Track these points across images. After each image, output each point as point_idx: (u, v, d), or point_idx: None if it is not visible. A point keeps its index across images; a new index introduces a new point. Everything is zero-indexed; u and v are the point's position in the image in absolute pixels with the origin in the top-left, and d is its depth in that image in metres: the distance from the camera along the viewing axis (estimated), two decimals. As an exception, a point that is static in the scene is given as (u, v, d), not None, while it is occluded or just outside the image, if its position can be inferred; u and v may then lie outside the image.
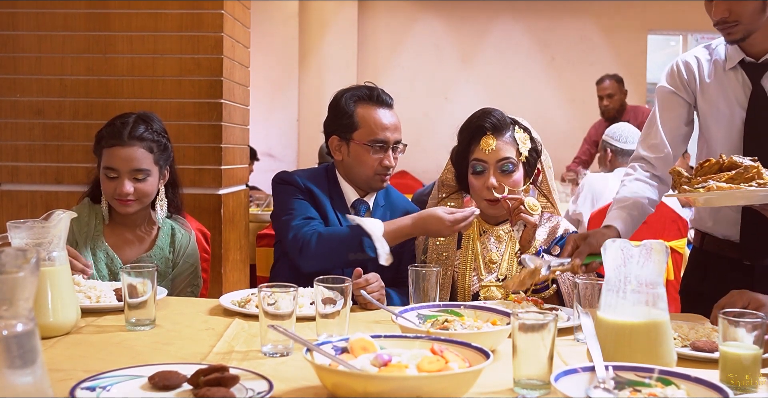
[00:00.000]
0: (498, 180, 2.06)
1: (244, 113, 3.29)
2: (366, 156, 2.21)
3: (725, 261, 2.03)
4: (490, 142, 2.07)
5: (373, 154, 2.20)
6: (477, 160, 2.09)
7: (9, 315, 0.92)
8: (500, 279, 2.10)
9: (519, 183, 2.09)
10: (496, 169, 2.07)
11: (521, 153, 2.09)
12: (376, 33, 7.52)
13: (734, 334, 1.30)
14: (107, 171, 2.17)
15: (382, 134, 2.20)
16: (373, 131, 2.20)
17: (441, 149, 7.37)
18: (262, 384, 1.22)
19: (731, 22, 1.86)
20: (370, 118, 2.21)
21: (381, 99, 2.24)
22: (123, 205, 2.18)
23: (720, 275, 2.05)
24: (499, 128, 2.08)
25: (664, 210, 3.46)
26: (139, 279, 1.67)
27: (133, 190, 2.15)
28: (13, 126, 2.93)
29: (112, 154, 2.17)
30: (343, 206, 2.26)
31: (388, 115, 2.23)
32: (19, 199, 2.93)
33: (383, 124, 2.21)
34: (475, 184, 2.10)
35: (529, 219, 1.96)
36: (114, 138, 2.17)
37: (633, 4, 7.27)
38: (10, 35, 2.92)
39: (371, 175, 2.23)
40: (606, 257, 1.36)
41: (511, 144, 2.08)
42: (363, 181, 2.26)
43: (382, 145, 2.20)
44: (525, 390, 1.26)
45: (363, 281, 1.90)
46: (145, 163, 2.17)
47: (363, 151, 2.21)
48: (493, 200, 2.06)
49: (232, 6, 3.03)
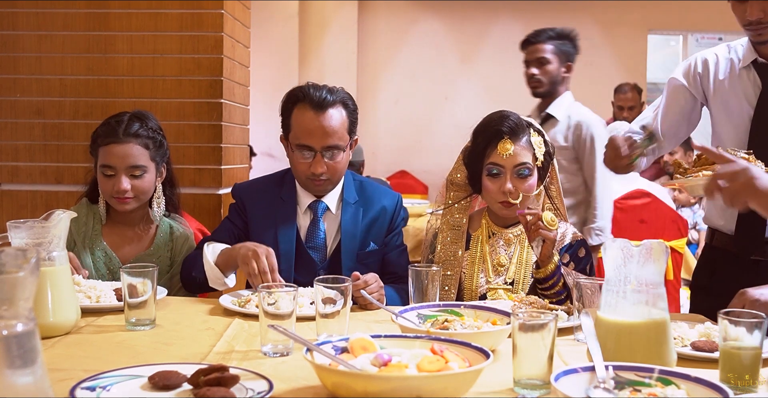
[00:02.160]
0: (513, 184, 2.04)
1: (244, 113, 3.29)
2: (295, 160, 2.14)
3: (732, 256, 2.08)
4: (508, 147, 2.04)
5: (300, 158, 2.12)
6: (493, 164, 2.06)
7: (9, 315, 0.92)
8: (508, 283, 2.08)
9: (533, 187, 2.07)
10: (513, 173, 2.05)
11: (537, 157, 2.06)
12: (376, 33, 7.51)
13: (734, 334, 1.30)
14: (104, 168, 2.17)
15: (306, 139, 2.10)
16: (299, 135, 2.11)
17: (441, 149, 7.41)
18: (262, 384, 1.22)
19: (765, 23, 1.92)
20: (300, 121, 2.12)
21: (314, 100, 2.10)
22: (121, 203, 2.18)
23: (727, 270, 2.10)
24: (517, 132, 2.06)
25: (664, 210, 3.46)
26: (139, 279, 1.67)
27: (130, 187, 2.16)
28: (13, 126, 2.93)
29: (108, 152, 2.17)
30: (291, 210, 2.20)
31: (319, 118, 2.09)
32: (19, 199, 2.93)
33: (309, 129, 2.09)
34: (490, 187, 2.08)
35: (548, 235, 1.91)
36: (110, 136, 2.17)
37: (633, 4, 7.26)
38: (10, 35, 2.92)
39: (303, 179, 2.16)
40: (606, 257, 1.36)
41: (528, 148, 2.06)
42: (302, 184, 2.20)
43: (307, 151, 2.11)
44: (525, 390, 1.26)
45: (362, 282, 1.89)
46: (141, 160, 2.18)
47: (293, 154, 2.15)
48: (509, 204, 2.06)
49: (232, 6, 3.03)
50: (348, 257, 2.19)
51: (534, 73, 3.30)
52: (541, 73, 3.29)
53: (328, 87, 2.16)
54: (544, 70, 3.29)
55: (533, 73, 3.31)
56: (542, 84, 3.30)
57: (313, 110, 2.10)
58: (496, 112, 2.13)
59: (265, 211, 2.22)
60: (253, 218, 2.23)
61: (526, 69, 3.35)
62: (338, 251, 2.20)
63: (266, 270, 1.90)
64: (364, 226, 2.23)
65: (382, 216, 2.26)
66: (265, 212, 2.22)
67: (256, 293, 1.74)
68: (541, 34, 3.34)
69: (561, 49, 3.33)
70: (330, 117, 2.11)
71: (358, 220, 2.22)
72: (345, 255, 2.19)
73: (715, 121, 2.15)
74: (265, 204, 2.23)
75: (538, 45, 3.32)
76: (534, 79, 3.31)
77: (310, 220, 2.21)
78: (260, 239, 2.16)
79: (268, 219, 2.20)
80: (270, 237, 2.16)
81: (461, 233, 2.16)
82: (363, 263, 2.18)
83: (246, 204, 2.24)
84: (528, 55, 3.35)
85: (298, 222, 2.21)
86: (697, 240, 4.63)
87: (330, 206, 2.22)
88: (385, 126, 7.60)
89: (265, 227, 2.19)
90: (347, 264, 2.16)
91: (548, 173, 2.16)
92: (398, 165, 7.50)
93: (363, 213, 2.23)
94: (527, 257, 2.09)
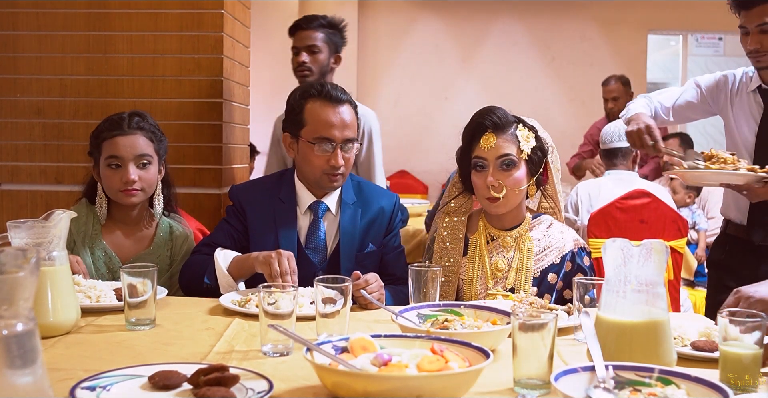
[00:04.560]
0: (498, 177, 2.02)
1: (244, 113, 3.28)
2: (312, 154, 2.12)
3: (741, 241, 2.51)
4: (491, 140, 2.02)
5: (319, 152, 2.11)
6: (477, 158, 2.05)
7: (9, 315, 0.92)
8: (508, 290, 2.05)
9: (520, 181, 2.03)
10: (496, 166, 2.03)
11: (522, 150, 2.04)
12: (376, 33, 7.51)
13: (734, 334, 1.30)
14: (110, 160, 2.17)
15: (327, 132, 2.10)
16: (318, 128, 2.11)
17: (441, 149, 7.41)
18: (262, 384, 1.22)
19: (761, 52, 2.33)
20: (316, 114, 2.12)
21: (330, 94, 2.12)
22: (128, 196, 2.18)
23: (738, 250, 2.53)
24: (500, 126, 2.04)
25: (664, 210, 3.46)
26: (139, 279, 1.67)
27: (137, 178, 2.16)
28: (13, 126, 2.93)
29: (114, 144, 2.17)
30: (291, 211, 2.20)
31: (337, 111, 2.12)
32: (19, 199, 2.93)
33: (329, 121, 2.10)
34: (476, 181, 2.07)
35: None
36: (114, 129, 2.19)
37: (633, 4, 7.26)
38: (10, 35, 2.92)
39: (319, 175, 2.14)
40: (606, 257, 1.36)
41: (512, 141, 2.04)
42: (313, 181, 2.18)
43: (327, 144, 2.11)
44: (525, 389, 1.26)
45: (362, 281, 1.89)
46: (147, 149, 2.20)
47: (309, 149, 2.13)
48: (493, 198, 2.04)
49: (232, 6, 3.03)
50: (347, 258, 2.18)
51: (304, 61, 3.13)
52: (312, 61, 3.14)
53: (337, 85, 2.18)
54: (314, 58, 3.15)
55: (303, 60, 3.13)
56: (312, 73, 3.14)
57: (330, 103, 2.12)
58: (483, 108, 2.11)
59: (265, 213, 2.21)
60: (253, 220, 2.21)
61: (294, 56, 3.19)
62: (337, 252, 2.19)
63: (287, 271, 1.90)
64: (363, 227, 2.22)
65: (381, 217, 2.25)
66: (265, 214, 2.21)
67: (256, 293, 1.75)
68: (313, 21, 3.19)
69: (332, 38, 3.21)
70: (345, 111, 2.14)
71: (356, 221, 2.21)
72: (344, 257, 2.18)
73: (727, 131, 2.58)
74: (265, 205, 2.22)
75: (309, 32, 3.16)
76: (304, 66, 3.14)
77: (310, 221, 2.21)
78: (261, 241, 2.15)
79: (268, 220, 2.19)
80: (271, 239, 2.16)
81: (459, 238, 2.13)
82: (361, 264, 2.17)
83: (245, 206, 2.23)
84: (298, 41, 3.18)
85: (298, 224, 2.20)
86: (696, 240, 4.62)
87: (330, 207, 2.21)
88: (385, 126, 7.57)
89: (266, 229, 2.18)
90: (346, 266, 2.16)
91: (542, 170, 2.12)
92: (398, 165, 7.49)
93: (361, 214, 2.22)
94: (527, 262, 2.06)
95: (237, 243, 2.19)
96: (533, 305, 1.81)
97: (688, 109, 2.64)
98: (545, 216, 2.17)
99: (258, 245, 2.14)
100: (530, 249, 2.07)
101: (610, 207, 3.46)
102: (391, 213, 2.27)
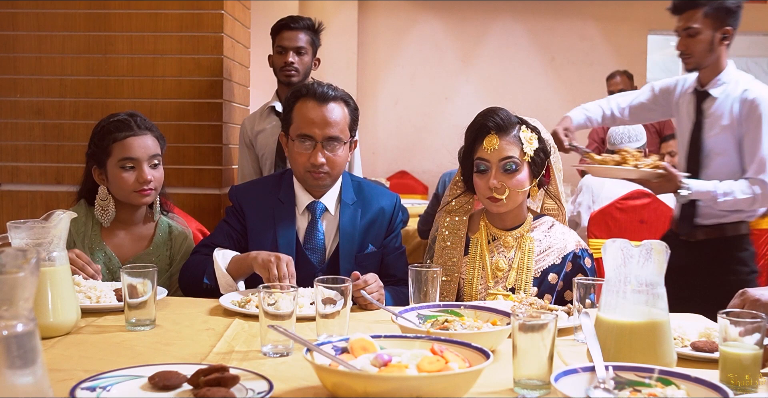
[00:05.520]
0: (500, 179, 2.01)
1: (244, 113, 3.29)
2: (294, 152, 2.13)
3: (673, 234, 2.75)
4: (493, 142, 2.01)
5: (300, 149, 2.11)
6: (480, 159, 2.04)
7: (9, 315, 0.92)
8: (508, 290, 2.04)
9: (522, 183, 2.03)
10: (499, 168, 2.02)
11: (525, 152, 2.03)
12: (376, 33, 7.52)
13: (734, 334, 1.30)
14: (124, 162, 2.16)
15: (308, 129, 2.10)
16: (300, 126, 2.12)
17: (441, 149, 7.41)
18: (262, 384, 1.22)
19: (687, 55, 2.62)
20: (302, 112, 2.12)
21: (316, 92, 2.12)
22: (143, 196, 2.19)
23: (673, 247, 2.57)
24: (503, 127, 2.03)
25: (664, 210, 3.46)
26: (139, 280, 1.67)
27: (152, 178, 2.18)
28: (13, 126, 2.93)
29: (127, 145, 2.17)
30: (290, 212, 2.19)
31: (321, 109, 2.11)
32: (19, 199, 2.93)
33: (310, 118, 2.10)
34: (478, 183, 2.06)
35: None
36: (125, 130, 2.18)
37: (633, 4, 7.26)
38: (10, 35, 2.93)
39: (302, 173, 2.14)
40: (606, 257, 1.36)
41: (515, 143, 2.03)
42: (300, 179, 2.19)
43: (307, 141, 2.11)
44: (525, 390, 1.26)
45: (362, 282, 1.89)
46: (157, 149, 2.22)
47: (293, 146, 2.14)
48: (495, 199, 2.03)
49: (232, 6, 3.03)
50: (346, 259, 2.17)
51: (292, 61, 3.18)
52: (299, 63, 3.20)
53: (332, 85, 2.17)
54: (301, 59, 3.20)
55: (291, 60, 3.18)
56: (299, 73, 3.20)
57: (315, 101, 2.12)
58: (486, 109, 2.10)
59: (264, 213, 2.20)
60: (252, 220, 2.21)
61: (279, 55, 3.22)
62: (337, 253, 2.18)
63: (285, 276, 1.90)
64: (363, 228, 2.21)
65: (381, 217, 2.25)
66: (264, 214, 2.20)
67: (256, 293, 1.74)
68: (300, 22, 3.24)
69: (314, 41, 3.25)
70: (332, 109, 2.12)
71: (356, 221, 2.21)
72: (343, 257, 2.17)
73: (677, 129, 2.85)
74: (264, 206, 2.21)
75: (296, 32, 3.21)
76: (292, 66, 3.19)
77: (308, 222, 2.20)
78: (259, 241, 2.15)
79: (267, 221, 2.19)
80: (269, 240, 2.15)
81: (460, 237, 2.13)
82: (361, 265, 2.16)
83: (244, 206, 2.23)
84: (285, 41, 3.22)
85: (297, 224, 2.19)
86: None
87: (328, 207, 2.20)
88: (385, 126, 7.60)
89: (264, 229, 2.18)
90: (345, 267, 2.15)
91: (544, 171, 2.11)
92: (398, 165, 7.50)
93: (361, 215, 2.22)
94: (528, 263, 2.06)
95: (236, 243, 2.19)
96: (533, 305, 1.81)
97: (643, 110, 2.90)
98: (547, 217, 2.16)
99: (257, 245, 2.13)
100: (531, 250, 2.07)
101: (610, 208, 3.46)
102: (391, 214, 2.27)
